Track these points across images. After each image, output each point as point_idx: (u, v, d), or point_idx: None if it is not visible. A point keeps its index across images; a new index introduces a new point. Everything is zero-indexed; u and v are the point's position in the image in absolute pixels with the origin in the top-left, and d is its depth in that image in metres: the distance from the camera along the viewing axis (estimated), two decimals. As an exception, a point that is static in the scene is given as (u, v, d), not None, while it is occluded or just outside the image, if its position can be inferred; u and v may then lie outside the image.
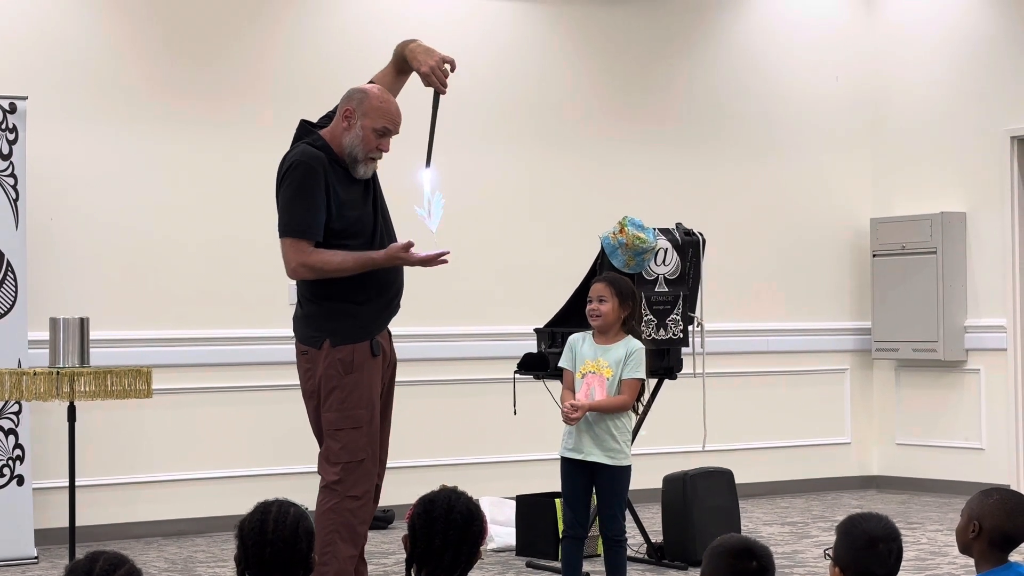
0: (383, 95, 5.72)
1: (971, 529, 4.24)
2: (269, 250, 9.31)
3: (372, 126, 5.67)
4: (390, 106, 5.72)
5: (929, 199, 10.92)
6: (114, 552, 3.48)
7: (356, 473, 5.60)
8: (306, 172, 5.60)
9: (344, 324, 5.66)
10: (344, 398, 5.64)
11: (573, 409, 6.14)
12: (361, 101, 5.69)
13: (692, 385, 8.12)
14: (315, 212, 5.58)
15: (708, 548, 3.76)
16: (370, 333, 5.67)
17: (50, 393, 6.54)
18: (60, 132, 8.75)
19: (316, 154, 5.65)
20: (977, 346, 10.65)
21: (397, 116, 5.75)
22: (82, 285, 8.75)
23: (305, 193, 5.59)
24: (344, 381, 5.64)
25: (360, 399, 5.63)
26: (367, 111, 5.67)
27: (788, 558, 7.96)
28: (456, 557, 3.81)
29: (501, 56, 10.08)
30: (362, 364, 5.63)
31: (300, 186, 5.61)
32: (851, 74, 11.29)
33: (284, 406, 9.34)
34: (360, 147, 5.69)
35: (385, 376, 5.81)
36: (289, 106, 9.39)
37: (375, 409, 5.67)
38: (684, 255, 7.93)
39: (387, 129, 5.71)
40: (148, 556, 8.15)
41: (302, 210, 5.60)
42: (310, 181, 5.59)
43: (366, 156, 5.71)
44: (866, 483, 11.22)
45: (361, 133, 5.67)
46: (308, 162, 5.62)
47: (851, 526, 4.06)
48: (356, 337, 5.65)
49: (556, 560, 7.80)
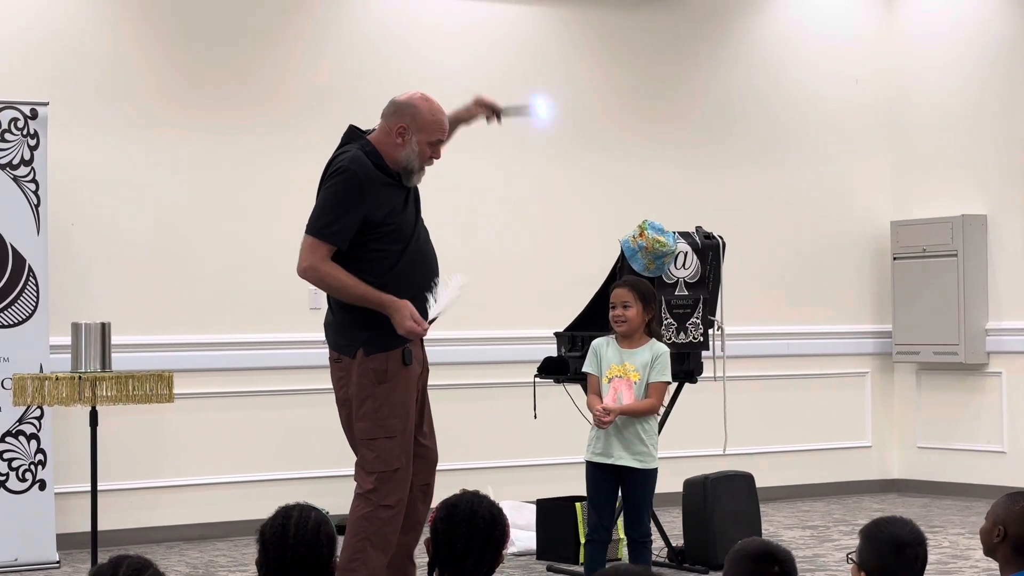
0: (431, 106, 5.82)
1: (996, 534, 4.23)
2: (289, 255, 9.35)
3: (428, 140, 5.78)
4: (441, 116, 5.84)
5: (949, 202, 10.89)
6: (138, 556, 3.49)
7: (391, 482, 5.64)
8: (349, 180, 5.69)
9: (376, 332, 5.67)
10: (378, 407, 5.66)
11: (605, 413, 6.16)
12: (414, 117, 5.77)
13: (712, 389, 8.11)
14: (345, 220, 5.64)
15: (730, 552, 3.75)
16: (403, 341, 5.67)
17: (72, 398, 6.56)
18: (81, 138, 8.77)
19: (365, 162, 5.73)
20: (998, 349, 10.62)
21: (447, 125, 5.89)
22: (103, 290, 8.77)
23: (342, 200, 5.67)
24: (377, 391, 5.66)
25: (394, 408, 5.66)
26: (422, 126, 5.77)
27: (809, 562, 7.95)
28: (479, 561, 3.81)
29: (520, 61, 10.08)
30: (396, 373, 5.66)
31: (339, 192, 5.69)
32: (871, 77, 11.27)
33: (305, 410, 9.36)
34: (416, 160, 5.78)
35: (419, 383, 5.82)
36: (307, 113, 9.43)
37: (409, 418, 5.70)
38: (704, 258, 7.92)
39: (440, 140, 5.83)
40: (169, 560, 8.17)
41: (333, 215, 5.67)
42: (351, 190, 5.67)
43: (422, 166, 5.82)
44: (887, 486, 11.19)
45: (417, 148, 5.77)
46: (355, 170, 5.70)
47: (877, 530, 4.05)
48: (389, 345, 5.66)
49: (577, 564, 7.80)
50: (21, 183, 8.13)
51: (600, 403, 6.24)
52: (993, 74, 10.72)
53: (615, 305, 6.30)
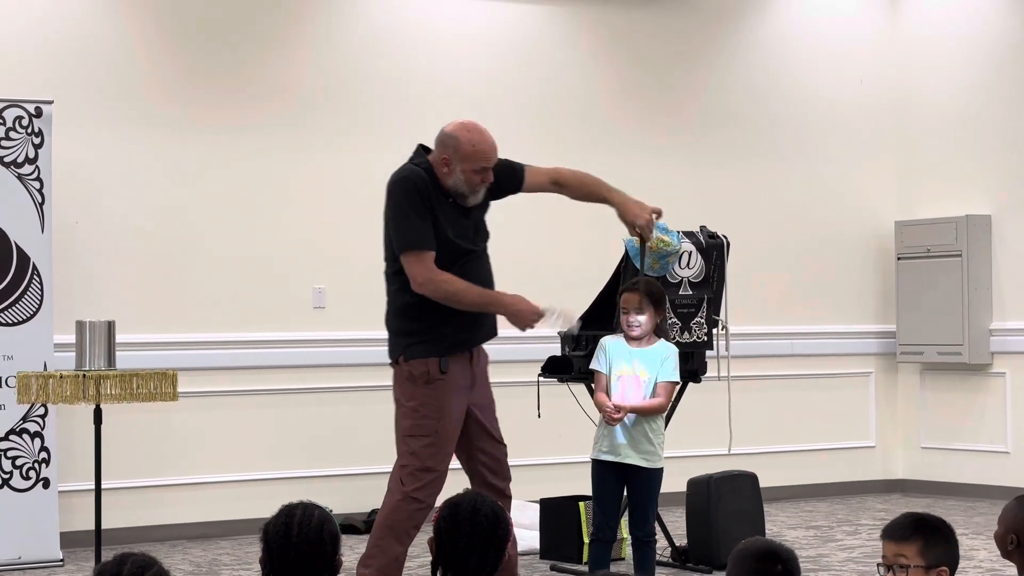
0: (473, 136, 5.97)
1: (1009, 541, 4.23)
2: (294, 254, 9.37)
3: (471, 168, 5.96)
4: (482, 147, 5.98)
5: (954, 202, 10.89)
6: (142, 554, 3.49)
7: (422, 479, 5.92)
8: (405, 188, 5.95)
9: (416, 340, 6.00)
10: (415, 408, 5.97)
11: (616, 410, 6.16)
12: (456, 149, 5.95)
13: (717, 388, 8.11)
14: (420, 225, 5.91)
15: (733, 551, 3.75)
16: (440, 353, 5.97)
17: (76, 396, 6.56)
18: (86, 136, 8.78)
19: (418, 172, 5.96)
20: (1002, 349, 10.62)
21: (491, 152, 6.01)
22: (107, 288, 8.78)
23: (408, 208, 5.93)
24: (415, 392, 5.97)
25: (429, 411, 5.95)
26: (463, 157, 5.95)
27: (813, 562, 7.94)
28: (482, 561, 3.81)
29: (524, 60, 10.09)
30: (434, 378, 5.96)
31: (401, 202, 5.96)
32: (875, 77, 11.27)
33: (309, 409, 9.36)
34: (464, 186, 5.98)
35: (473, 396, 6.05)
36: (313, 111, 9.44)
37: (447, 421, 5.96)
38: (708, 258, 7.92)
39: (484, 167, 5.99)
40: (173, 559, 8.18)
41: (408, 225, 5.94)
42: (410, 196, 5.92)
43: (473, 191, 6.01)
44: (891, 487, 11.19)
45: (463, 176, 5.96)
46: (409, 178, 5.96)
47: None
48: (428, 352, 5.97)
49: (580, 563, 7.80)
50: (25, 181, 8.14)
51: (609, 401, 6.24)
52: (998, 74, 10.71)
53: (627, 310, 6.29)
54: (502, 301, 5.98)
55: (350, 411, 9.46)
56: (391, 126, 9.64)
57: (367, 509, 9.39)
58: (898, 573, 3.89)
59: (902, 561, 3.89)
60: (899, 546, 3.91)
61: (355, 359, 9.49)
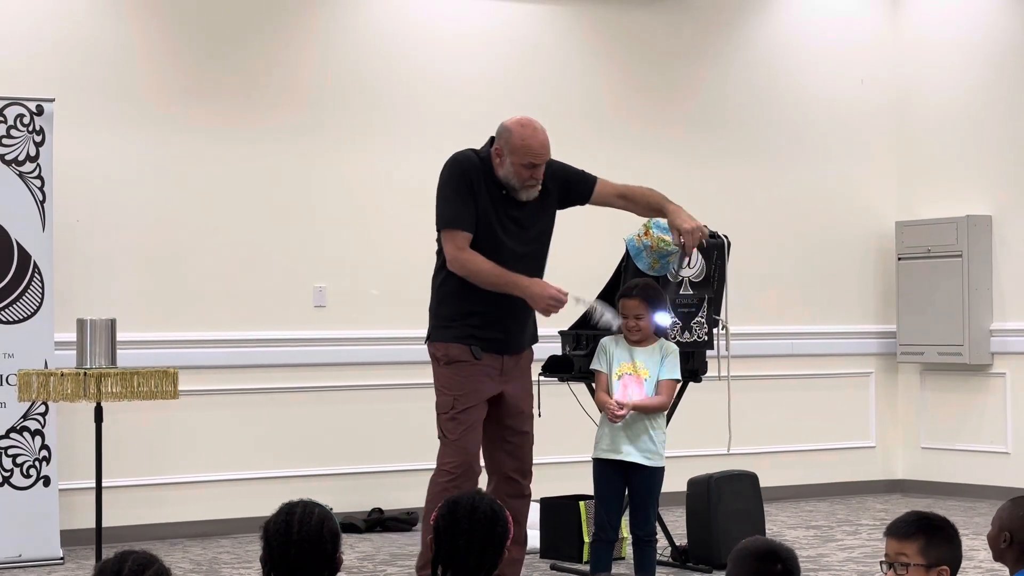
0: (524, 131, 6.18)
1: (1003, 539, 4.25)
2: (294, 252, 9.37)
3: (519, 162, 6.17)
4: (530, 142, 6.16)
5: (954, 202, 10.89)
6: (143, 551, 3.50)
7: (448, 449, 6.27)
8: (451, 169, 6.24)
9: (438, 324, 6.38)
10: (439, 387, 6.37)
11: (620, 407, 6.17)
12: (507, 140, 6.19)
13: (717, 388, 8.10)
14: (461, 205, 6.16)
15: (733, 551, 3.75)
16: (464, 341, 6.28)
17: (77, 394, 6.57)
18: (87, 134, 8.78)
19: (471, 157, 6.26)
20: (1003, 350, 10.62)
21: (539, 149, 6.19)
22: (108, 286, 8.78)
23: (451, 189, 6.20)
24: (437, 372, 6.38)
25: (448, 388, 6.31)
26: (513, 149, 6.18)
27: (813, 562, 7.95)
28: (481, 559, 3.82)
29: (525, 60, 10.09)
30: (453, 360, 6.30)
31: (445, 183, 6.24)
32: (876, 77, 11.27)
33: (309, 408, 9.37)
34: (514, 179, 6.21)
35: (493, 375, 6.30)
36: (313, 110, 9.44)
37: (465, 399, 6.26)
38: (709, 258, 7.92)
39: (532, 163, 6.18)
40: (173, 557, 8.18)
41: (447, 204, 6.21)
42: (454, 178, 6.20)
43: (522, 186, 6.23)
44: (891, 487, 11.19)
45: (512, 168, 6.19)
46: (459, 161, 6.24)
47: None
48: (445, 337, 6.33)
49: (581, 563, 7.81)
50: (26, 179, 8.14)
51: (612, 399, 6.25)
52: (999, 75, 10.71)
53: (628, 316, 6.31)
54: (519, 283, 6.16)
55: (351, 410, 9.46)
56: (392, 125, 9.65)
57: (367, 508, 9.39)
58: (899, 571, 3.90)
59: (903, 559, 3.90)
60: (901, 544, 3.92)
61: (356, 358, 9.49)
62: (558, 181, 6.43)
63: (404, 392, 9.51)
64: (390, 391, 9.57)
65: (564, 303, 6.14)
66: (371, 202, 9.59)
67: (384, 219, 9.61)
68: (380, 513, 9.33)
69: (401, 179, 9.64)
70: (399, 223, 9.62)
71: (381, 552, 8.45)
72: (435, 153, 9.75)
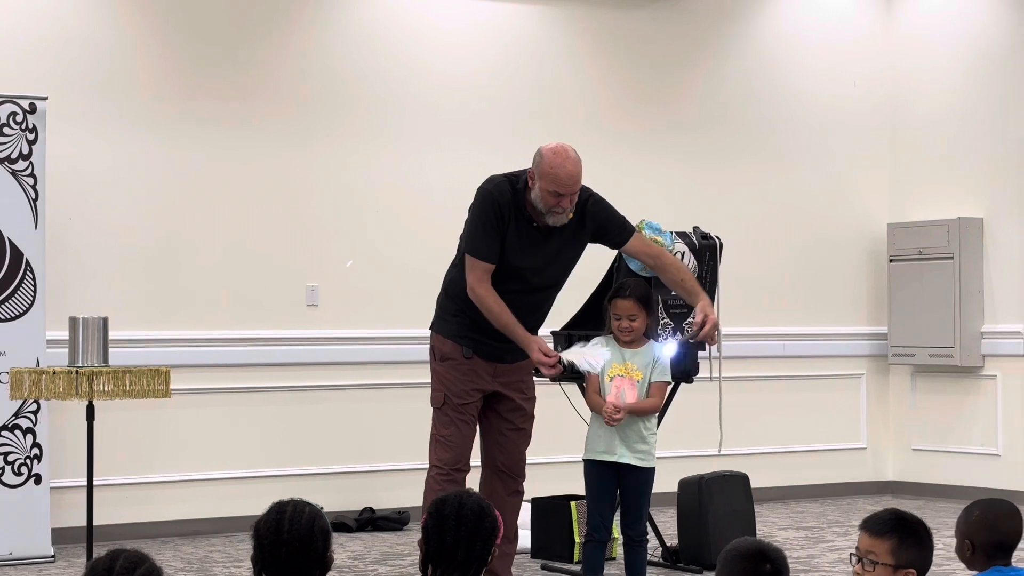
0: (555, 159, 6.23)
1: (966, 548, 4.31)
2: (287, 251, 9.38)
3: (547, 188, 6.24)
4: (559, 171, 6.21)
5: (946, 204, 10.91)
6: (134, 550, 3.50)
7: (438, 445, 6.42)
8: (482, 200, 6.35)
9: (440, 315, 6.55)
10: (433, 381, 6.51)
11: (616, 410, 6.18)
12: (539, 165, 6.27)
13: (708, 389, 8.12)
14: (486, 238, 6.29)
15: (722, 552, 3.76)
16: (457, 339, 6.43)
17: (69, 392, 6.58)
18: (79, 132, 8.78)
19: (503, 187, 6.35)
20: (994, 352, 10.64)
21: (567, 179, 6.23)
22: (100, 285, 8.78)
23: (479, 218, 6.33)
24: (433, 365, 6.52)
25: (439, 383, 6.45)
26: (542, 174, 6.26)
27: (803, 563, 7.96)
28: (469, 554, 3.84)
29: (517, 60, 10.10)
30: (448, 355, 6.44)
31: (476, 211, 6.37)
32: (869, 79, 11.29)
33: (301, 407, 9.37)
34: (542, 204, 6.28)
35: (486, 373, 6.43)
36: (307, 108, 9.44)
37: (455, 397, 6.39)
38: (701, 259, 7.93)
39: (556, 192, 6.24)
40: (164, 556, 8.18)
41: (473, 234, 6.34)
42: (484, 208, 6.31)
43: (549, 211, 6.29)
44: (882, 488, 11.21)
45: (540, 194, 6.27)
46: (490, 191, 6.34)
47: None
48: (442, 331, 6.49)
49: (572, 563, 7.82)
50: (19, 177, 8.14)
51: (606, 402, 6.25)
52: (990, 77, 10.73)
53: (620, 317, 6.30)
54: (519, 338, 6.24)
55: (342, 409, 9.47)
56: (385, 125, 9.65)
57: (359, 507, 9.40)
58: (866, 567, 3.93)
59: (872, 556, 3.93)
60: (873, 540, 3.95)
61: (348, 357, 9.50)
62: (597, 222, 6.48)
63: (396, 391, 9.52)
64: (382, 390, 9.57)
65: (552, 368, 6.19)
66: (364, 201, 9.60)
67: (377, 218, 9.61)
68: (371, 512, 9.34)
69: (394, 178, 9.65)
70: (392, 222, 9.63)
71: (372, 551, 8.46)
72: (429, 152, 9.82)
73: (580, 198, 6.39)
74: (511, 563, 6.66)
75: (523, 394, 6.57)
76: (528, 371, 6.59)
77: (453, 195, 9.41)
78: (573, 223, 6.40)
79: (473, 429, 6.49)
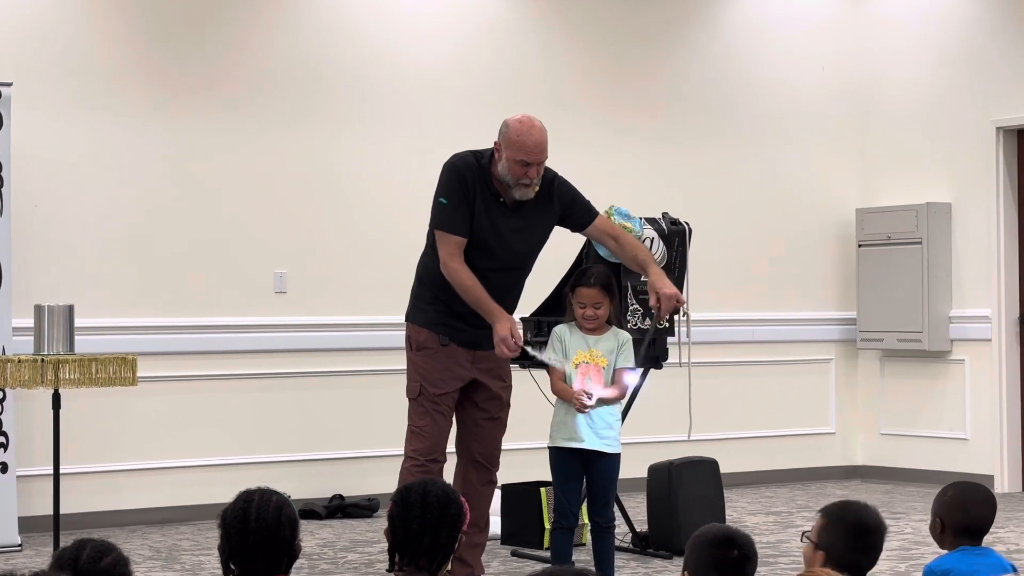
0: (521, 128, 6.25)
1: (937, 527, 4.39)
2: (255, 237, 9.34)
3: (513, 158, 6.24)
4: (526, 139, 6.23)
5: (915, 189, 10.94)
6: (101, 540, 3.48)
7: (413, 436, 6.38)
8: (448, 174, 6.33)
9: (415, 305, 6.49)
10: (408, 372, 6.47)
11: (588, 397, 6.17)
12: (505, 135, 6.28)
13: (678, 374, 8.12)
14: (455, 211, 6.26)
15: (691, 537, 3.78)
16: (433, 328, 6.39)
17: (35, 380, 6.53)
18: (45, 119, 8.72)
19: (469, 161, 6.34)
20: (962, 336, 10.68)
21: (534, 147, 6.24)
22: (67, 272, 8.73)
23: (446, 191, 6.30)
24: (409, 356, 6.48)
25: (415, 373, 6.41)
26: (508, 143, 6.27)
27: (772, 548, 7.98)
28: (435, 541, 3.85)
29: (486, 44, 10.07)
30: (424, 345, 6.40)
31: (443, 186, 6.33)
32: (837, 64, 11.30)
33: (269, 394, 9.34)
34: (509, 176, 6.27)
35: (463, 361, 6.40)
36: (275, 95, 9.40)
37: (430, 388, 6.36)
38: (670, 245, 7.93)
39: (524, 161, 6.23)
40: (132, 544, 8.15)
41: (442, 207, 6.30)
42: (451, 180, 6.30)
43: (516, 183, 6.27)
44: (850, 473, 11.24)
45: (508, 164, 6.26)
46: (455, 164, 6.33)
47: (843, 512, 4.09)
48: (417, 320, 6.45)
49: (542, 549, 7.81)
50: (-16, 164, 8.07)
51: (572, 390, 6.22)
52: (959, 62, 10.76)
53: (585, 305, 6.29)
54: (491, 313, 6.19)
55: (311, 396, 9.44)
56: (353, 110, 9.61)
57: (328, 494, 9.38)
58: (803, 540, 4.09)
59: (808, 534, 4.07)
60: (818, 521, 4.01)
61: (317, 344, 9.47)
62: (564, 202, 6.50)
63: (365, 378, 9.50)
64: (351, 377, 9.55)
65: (513, 352, 6.19)
66: (332, 188, 9.56)
67: (346, 205, 9.58)
68: (341, 499, 9.32)
69: (362, 163, 9.62)
70: (361, 209, 9.60)
71: (342, 539, 8.44)
72: (396, 138, 9.79)
73: (546, 178, 6.39)
74: (482, 552, 6.65)
75: (501, 381, 6.55)
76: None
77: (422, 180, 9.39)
78: (541, 201, 6.38)
79: (449, 420, 6.47)
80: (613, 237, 6.63)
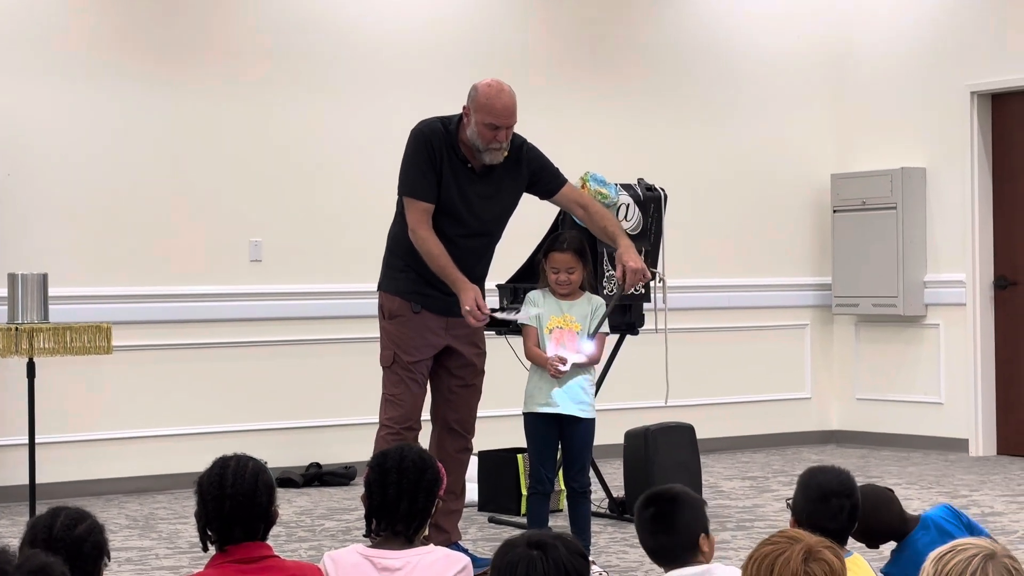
0: (490, 91, 6.26)
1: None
2: (230, 205, 9.30)
3: (483, 121, 6.22)
4: (494, 102, 6.23)
5: (889, 155, 10.95)
6: (76, 508, 3.47)
7: (388, 404, 6.36)
8: (415, 140, 6.33)
9: (388, 275, 6.47)
10: (382, 341, 6.45)
11: (562, 361, 6.17)
12: (474, 99, 6.26)
13: (654, 341, 8.13)
14: (421, 177, 6.25)
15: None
16: (405, 296, 6.37)
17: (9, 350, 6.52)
18: (17, 86, 8.66)
19: (435, 127, 6.33)
20: (936, 301, 10.71)
21: (503, 111, 6.24)
22: (40, 241, 8.68)
23: (414, 157, 6.30)
24: (382, 324, 6.46)
25: (388, 342, 6.40)
26: (478, 107, 6.24)
27: (749, 512, 8.01)
28: (412, 506, 3.86)
29: (460, 12, 10.03)
30: (397, 313, 6.37)
31: (409, 153, 6.34)
32: (813, 30, 11.29)
33: (244, 363, 9.32)
34: (478, 140, 6.25)
35: (437, 329, 6.37)
36: (246, 62, 9.35)
37: (404, 356, 6.34)
38: (646, 211, 7.93)
39: (493, 124, 6.21)
40: (109, 513, 8.13)
41: (408, 173, 6.31)
42: (417, 145, 6.30)
43: (486, 147, 6.26)
44: (826, 438, 11.29)
45: (477, 129, 6.24)
46: (422, 130, 6.33)
47: (809, 478, 4.11)
48: (390, 288, 6.43)
49: (519, 515, 7.83)
50: (-44, 133, 8.02)
51: (547, 354, 6.23)
52: (934, 27, 10.76)
53: (558, 270, 6.28)
54: (457, 283, 6.16)
55: (288, 364, 9.43)
56: (325, 77, 9.57)
57: (305, 463, 9.38)
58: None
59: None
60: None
61: (292, 312, 9.45)
62: (533, 167, 6.49)
63: (341, 347, 9.49)
64: (327, 345, 9.54)
65: (482, 321, 6.15)
66: (306, 156, 9.53)
67: (320, 173, 9.55)
68: (318, 468, 9.31)
69: (336, 131, 9.58)
70: (335, 177, 9.57)
71: (319, 507, 8.44)
72: (370, 107, 9.76)
73: (515, 143, 6.38)
74: (458, 519, 6.65)
75: (475, 347, 6.53)
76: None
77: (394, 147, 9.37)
78: (509, 166, 6.37)
79: (423, 388, 6.46)
80: (582, 206, 6.58)
